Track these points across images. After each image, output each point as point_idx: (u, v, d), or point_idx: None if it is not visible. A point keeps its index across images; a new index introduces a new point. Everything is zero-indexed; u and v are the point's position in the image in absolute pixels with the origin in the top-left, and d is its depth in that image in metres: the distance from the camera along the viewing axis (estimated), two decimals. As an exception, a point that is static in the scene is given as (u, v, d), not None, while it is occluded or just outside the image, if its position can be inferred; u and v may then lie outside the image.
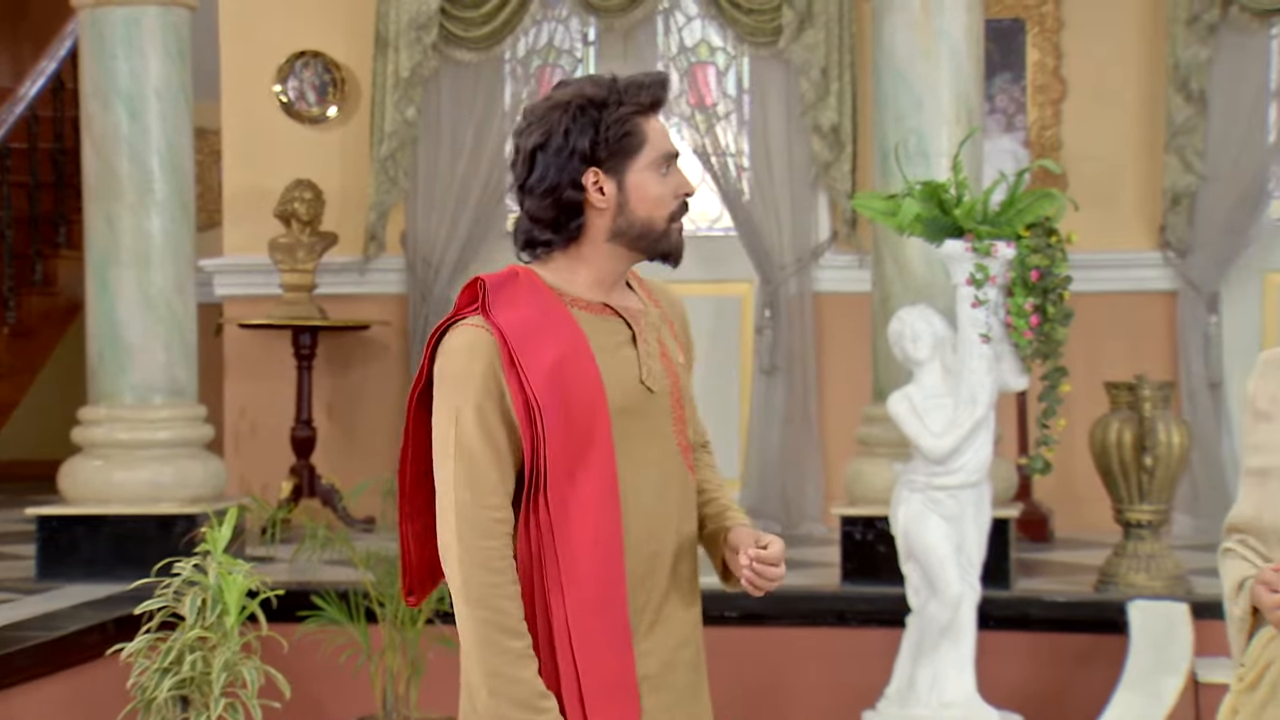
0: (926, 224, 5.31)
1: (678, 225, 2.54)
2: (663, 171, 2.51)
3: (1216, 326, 7.64)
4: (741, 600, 6.15)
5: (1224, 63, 7.56)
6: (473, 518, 2.42)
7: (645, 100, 2.51)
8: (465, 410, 2.44)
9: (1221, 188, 7.58)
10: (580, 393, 2.47)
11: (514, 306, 2.49)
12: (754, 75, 8.01)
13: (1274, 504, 2.73)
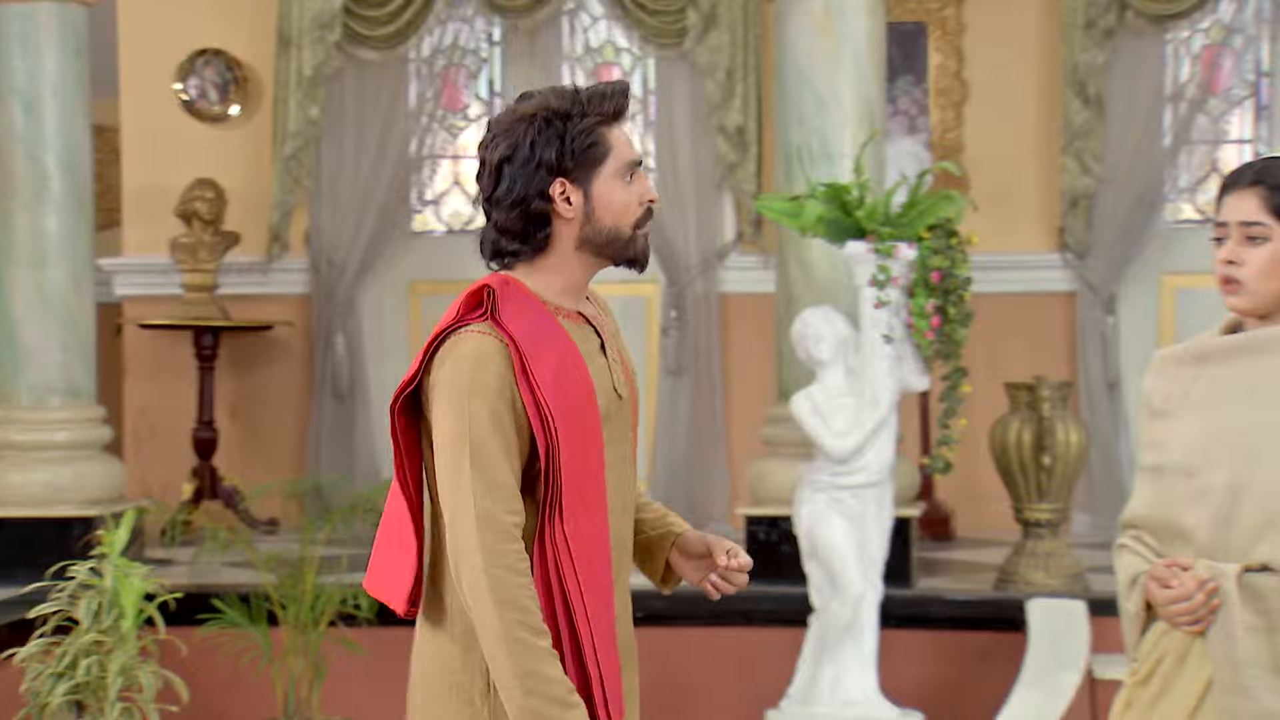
0: (829, 225, 5.35)
1: (643, 232, 2.58)
2: (627, 179, 2.54)
3: (1114, 327, 7.75)
4: (646, 600, 6.13)
5: (1120, 67, 7.68)
6: (495, 524, 2.43)
7: (608, 110, 2.53)
8: (480, 416, 2.44)
9: (1119, 190, 7.70)
10: (579, 399, 2.50)
11: (519, 314, 2.50)
12: (659, 77, 8.03)
13: (1167, 501, 2.78)
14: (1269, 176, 2.75)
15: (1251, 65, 7.83)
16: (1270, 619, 2.64)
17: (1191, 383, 2.80)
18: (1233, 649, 2.66)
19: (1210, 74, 7.69)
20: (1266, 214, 2.73)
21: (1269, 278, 2.73)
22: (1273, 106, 7.84)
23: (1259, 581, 2.65)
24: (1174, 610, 2.70)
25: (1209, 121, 7.80)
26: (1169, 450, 2.79)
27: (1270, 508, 2.66)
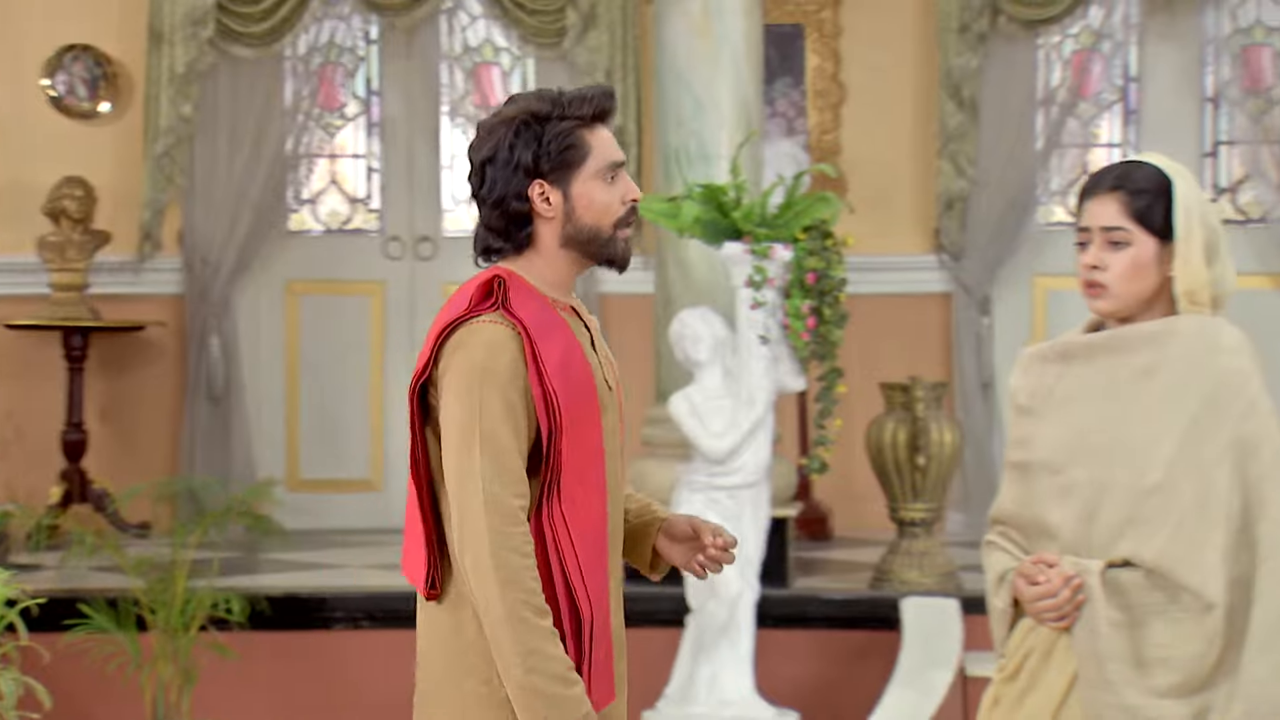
0: (706, 226, 5.37)
1: (624, 232, 2.67)
2: (608, 179, 2.64)
3: (988, 328, 7.86)
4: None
5: (994, 71, 7.78)
6: (503, 507, 2.51)
7: (587, 113, 2.63)
8: (492, 402, 2.54)
9: (992, 193, 7.80)
10: (581, 387, 2.60)
11: (526, 303, 2.59)
12: (539, 77, 8.01)
13: (1033, 498, 2.83)
14: (1129, 182, 2.79)
15: (1120, 70, 7.98)
16: (1132, 614, 2.69)
17: (1056, 380, 2.85)
18: (1096, 644, 2.70)
19: (1080, 79, 7.82)
20: (1127, 219, 2.78)
21: (1131, 281, 2.78)
22: (1141, 111, 8.00)
23: (1121, 577, 2.70)
24: (1040, 607, 2.74)
25: (1079, 125, 7.93)
26: (1035, 447, 2.84)
27: (1131, 504, 2.71)
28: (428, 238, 8.18)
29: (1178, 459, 2.69)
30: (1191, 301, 2.76)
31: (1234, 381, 2.71)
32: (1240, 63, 7.77)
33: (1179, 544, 2.66)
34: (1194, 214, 2.76)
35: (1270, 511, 2.68)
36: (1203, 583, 2.65)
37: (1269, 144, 7.71)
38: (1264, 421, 2.70)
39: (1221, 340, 2.73)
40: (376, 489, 8.10)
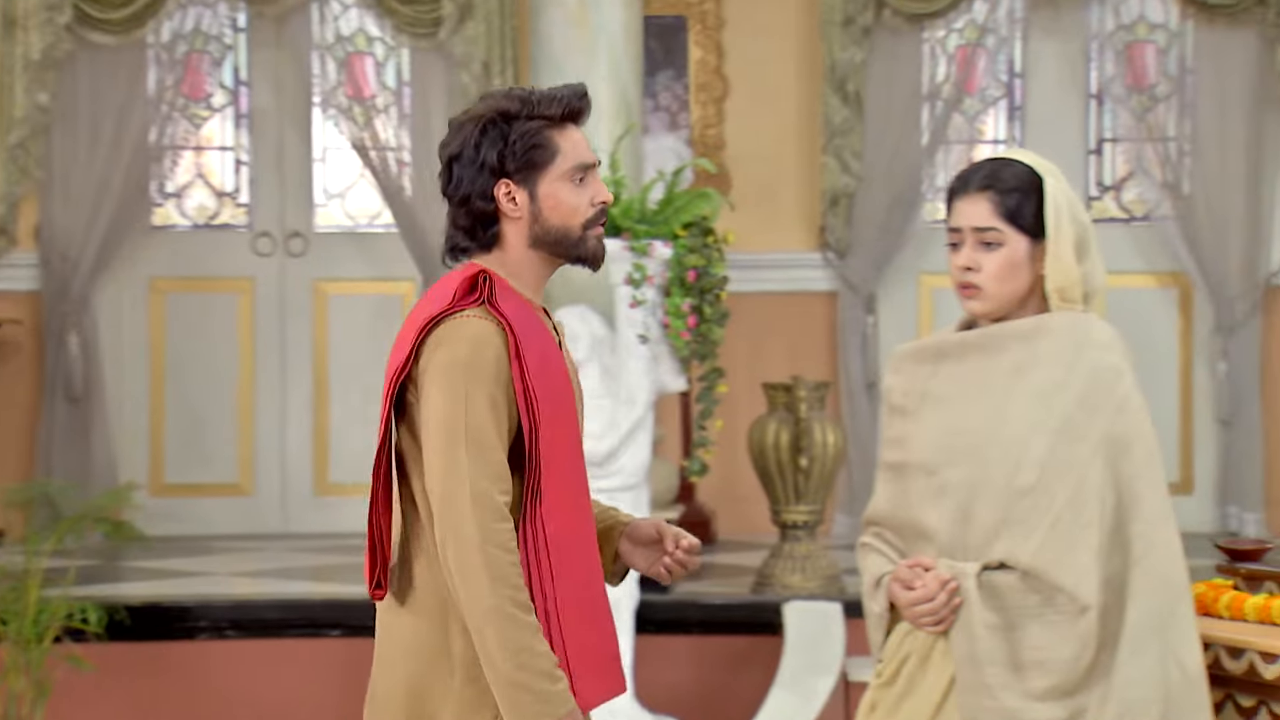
0: (581, 222, 5.33)
1: (595, 232, 2.70)
2: (577, 180, 2.66)
3: (874, 326, 7.90)
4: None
5: (878, 65, 7.83)
6: (490, 503, 2.54)
7: (555, 112, 2.65)
8: (477, 398, 2.57)
9: (878, 189, 7.85)
10: (560, 388, 2.65)
11: (508, 300, 2.62)
12: (414, 67, 7.94)
13: (909, 499, 2.84)
14: (998, 181, 2.81)
15: (1005, 66, 8.06)
16: (1008, 616, 2.71)
17: (929, 380, 2.87)
18: (973, 648, 2.72)
19: (965, 74, 7.89)
20: (999, 219, 2.80)
21: (1005, 281, 2.80)
22: (1026, 107, 8.09)
23: (997, 580, 2.72)
24: (917, 611, 2.76)
25: (965, 121, 8.00)
26: (909, 448, 2.85)
27: (1005, 505, 2.73)
28: (299, 233, 8.08)
29: (1051, 459, 2.72)
30: (1063, 299, 2.80)
31: (1106, 378, 2.73)
32: (1124, 59, 7.89)
33: (1053, 545, 2.69)
34: (1064, 211, 2.80)
35: (1143, 510, 2.71)
36: (1077, 584, 2.68)
37: (1152, 141, 7.82)
38: (1136, 418, 2.73)
39: (1093, 336, 2.76)
40: (246, 493, 7.99)
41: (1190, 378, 7.92)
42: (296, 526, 7.96)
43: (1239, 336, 7.74)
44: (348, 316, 8.07)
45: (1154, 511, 2.72)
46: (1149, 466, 2.73)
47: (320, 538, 7.75)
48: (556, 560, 2.62)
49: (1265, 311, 7.79)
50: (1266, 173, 7.74)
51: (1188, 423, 7.91)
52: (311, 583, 6.82)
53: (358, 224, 8.19)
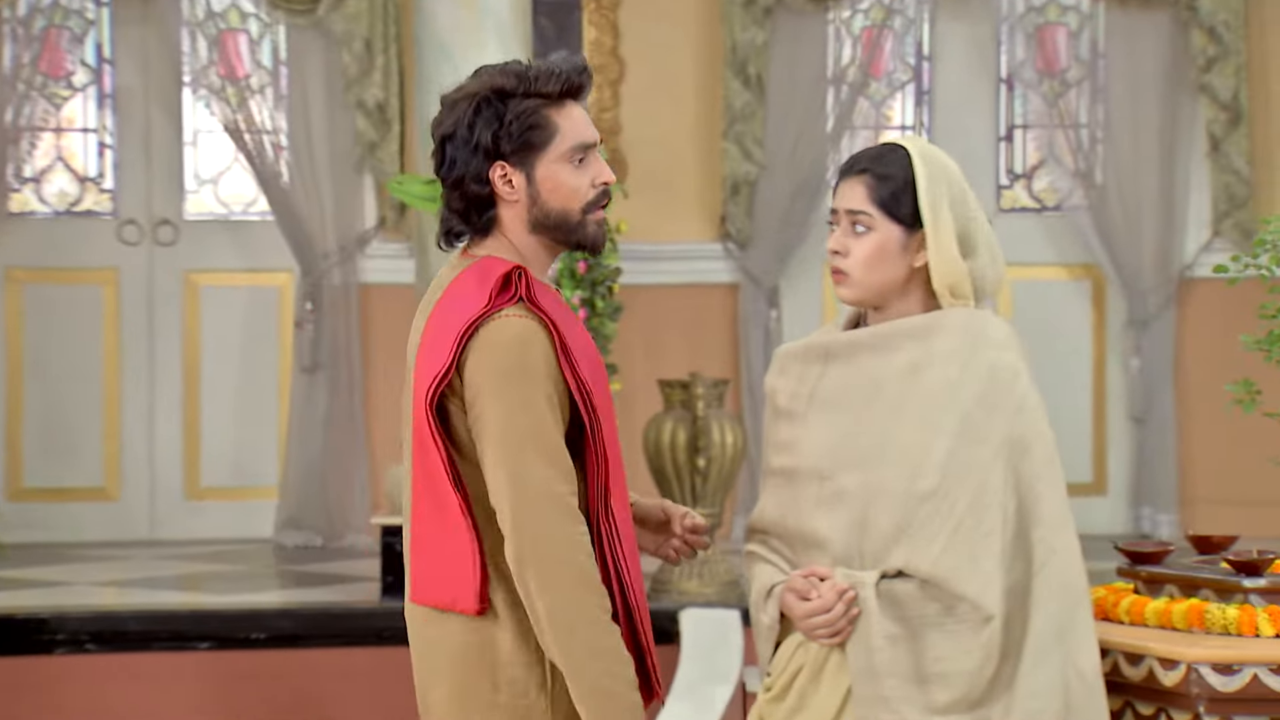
0: (468, 211, 5.32)
1: (595, 216, 2.68)
2: (577, 161, 2.64)
3: (777, 321, 7.94)
4: (272, 620, 6.06)
5: (781, 48, 7.86)
6: (567, 508, 2.57)
7: (554, 89, 2.62)
8: (538, 401, 2.57)
9: (781, 177, 7.88)
10: (603, 377, 2.70)
11: (545, 293, 2.63)
12: (291, 46, 7.88)
13: (799, 507, 2.83)
14: (877, 166, 2.81)
15: (913, 48, 8.13)
16: (909, 627, 2.71)
17: (817, 381, 2.85)
18: (872, 660, 2.72)
19: (871, 56, 7.95)
20: (871, 204, 2.80)
21: (873, 269, 2.79)
22: (934, 92, 8.16)
23: (896, 589, 2.72)
24: (813, 623, 2.75)
25: (871, 106, 8.06)
26: (799, 453, 2.84)
27: (903, 511, 2.72)
28: (168, 221, 8.00)
29: (951, 462, 2.71)
30: (953, 294, 2.79)
31: (1004, 377, 2.74)
32: (1034, 43, 7.98)
33: (955, 553, 2.69)
34: (942, 202, 2.77)
35: (1044, 514, 2.72)
36: (980, 593, 2.68)
37: (1064, 128, 7.92)
38: (1034, 418, 2.75)
39: (989, 334, 2.76)
40: (111, 498, 7.90)
41: (1103, 373, 8.04)
42: (165, 533, 7.89)
43: (1153, 331, 7.87)
44: (220, 310, 8.00)
45: (1054, 515, 2.73)
46: (1049, 468, 2.75)
47: (190, 545, 7.69)
48: (629, 555, 2.67)
49: (1180, 305, 7.91)
50: (1180, 160, 7.86)
51: (1100, 421, 8.03)
52: (179, 593, 6.77)
53: (231, 211, 8.12)
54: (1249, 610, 2.93)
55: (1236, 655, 2.84)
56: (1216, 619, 2.94)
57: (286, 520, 7.76)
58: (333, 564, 7.27)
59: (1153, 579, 3.10)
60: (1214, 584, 3.01)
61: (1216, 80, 7.74)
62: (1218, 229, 7.83)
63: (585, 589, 2.56)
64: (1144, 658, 2.90)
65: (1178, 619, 2.98)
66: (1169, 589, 3.07)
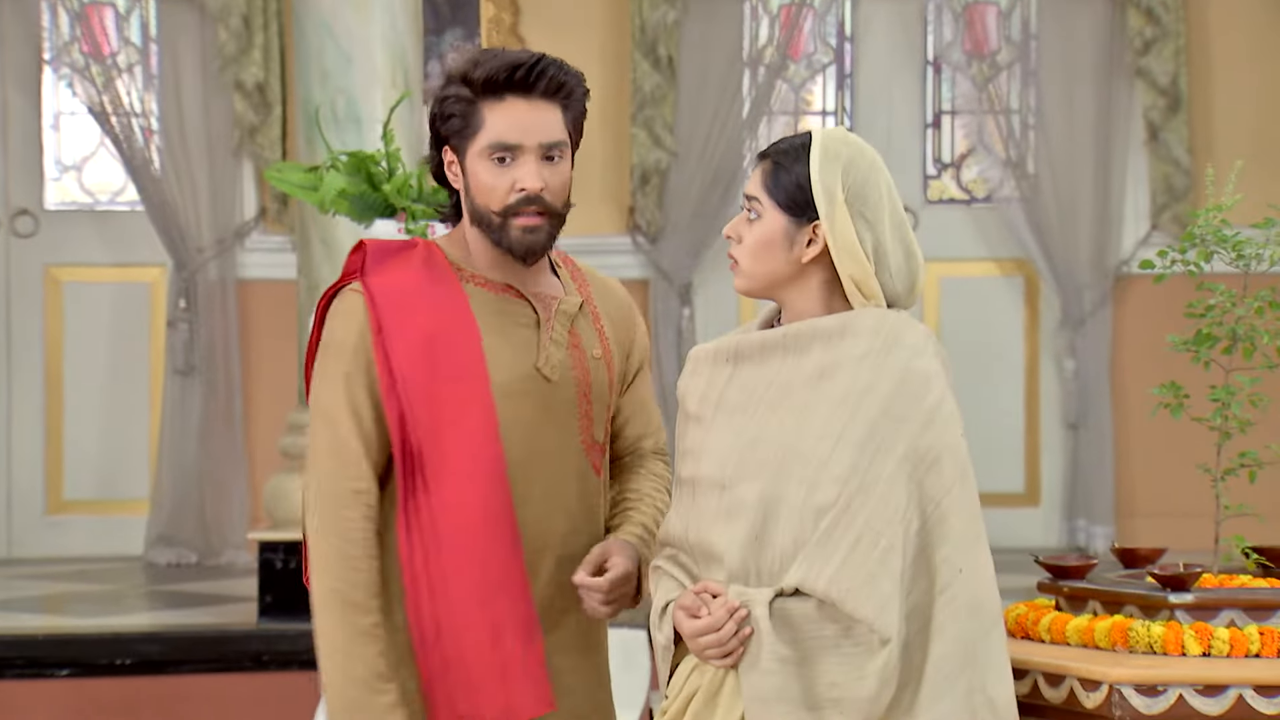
0: (353, 201, 5.32)
1: (519, 221, 2.77)
2: (498, 160, 2.74)
3: (690, 319, 7.97)
4: (138, 645, 6.03)
5: (694, 27, 7.89)
6: (333, 487, 2.71)
7: (477, 79, 2.74)
8: (334, 376, 2.73)
9: (694, 165, 7.91)
10: (456, 369, 2.74)
11: (395, 273, 2.76)
12: (163, 21, 7.84)
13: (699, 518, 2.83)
14: (778, 153, 2.82)
15: (834, 28, 8.18)
16: (802, 649, 2.70)
17: (726, 384, 2.84)
18: (763, 684, 2.70)
19: (790, 37, 7.99)
20: (763, 190, 2.81)
21: (758, 259, 2.79)
22: (856, 75, 8.21)
23: (790, 608, 2.70)
24: (703, 643, 2.73)
25: (790, 90, 8.11)
26: (702, 461, 2.83)
27: (801, 526, 2.71)
28: (26, 211, 7.94)
29: (852, 475, 2.69)
30: (863, 292, 2.79)
31: (914, 385, 2.72)
32: (963, 23, 8.05)
33: (852, 571, 2.66)
34: (838, 192, 2.78)
35: (950, 533, 2.70)
36: (877, 615, 2.65)
37: (994, 114, 8.00)
38: (945, 430, 2.73)
39: (903, 338, 2.75)
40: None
41: (1036, 376, 8.11)
42: (22, 550, 7.82)
43: (1088, 330, 7.95)
44: (85, 307, 7.94)
45: (962, 534, 2.71)
46: (958, 484, 2.72)
47: (50, 563, 7.62)
48: (452, 562, 2.71)
49: (1116, 303, 8.01)
50: (1117, 150, 7.95)
51: (1033, 426, 8.10)
52: (38, 615, 6.71)
53: (96, 201, 8.08)
54: (1175, 627, 2.96)
55: (1161, 675, 2.86)
56: (1141, 637, 2.97)
57: (158, 536, 7.71)
58: (208, 583, 7.23)
59: (1075, 594, 3.13)
60: (1139, 600, 3.03)
61: (1154, 63, 7.84)
62: (1156, 222, 7.94)
63: (326, 574, 2.70)
64: (1065, 678, 2.93)
65: (1100, 637, 3.01)
66: (1092, 605, 3.10)
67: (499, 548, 2.76)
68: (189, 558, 7.68)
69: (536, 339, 2.83)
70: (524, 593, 2.78)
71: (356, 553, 2.71)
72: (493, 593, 2.75)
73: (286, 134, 7.76)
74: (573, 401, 2.84)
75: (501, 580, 2.75)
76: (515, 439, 2.80)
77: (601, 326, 2.94)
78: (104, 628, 6.19)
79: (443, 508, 2.73)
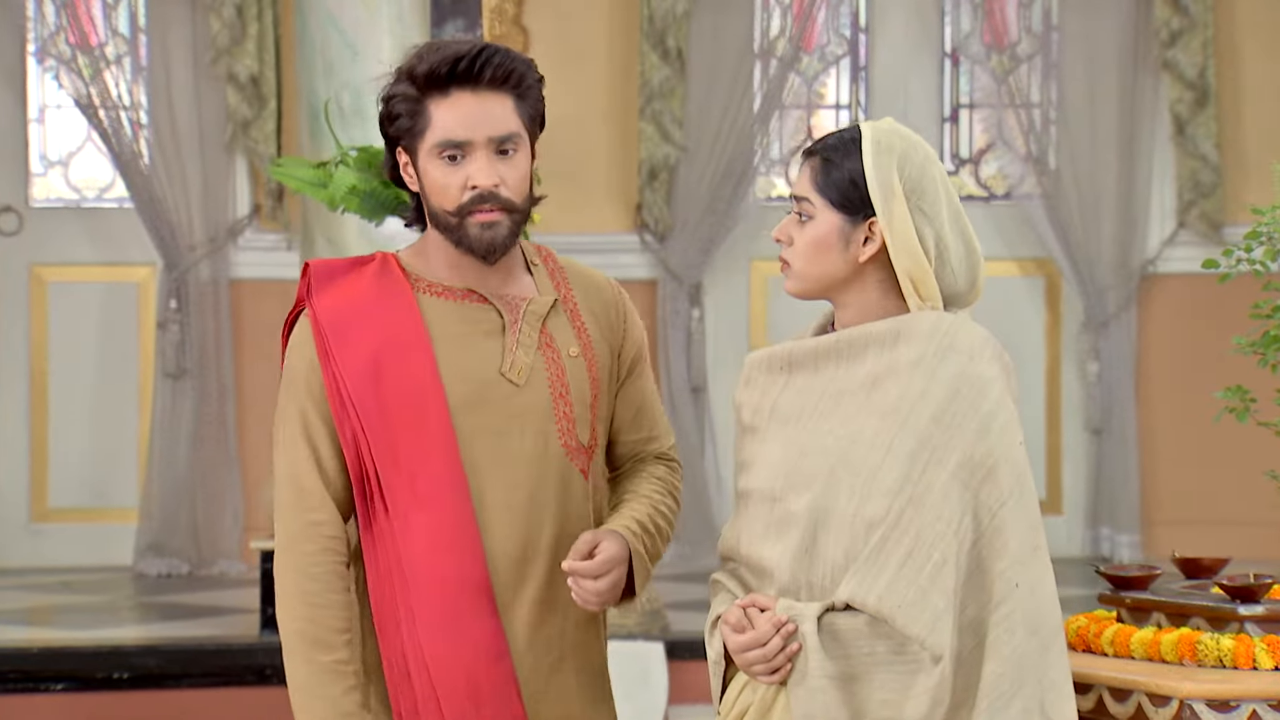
0: (364, 198, 5.32)
1: (475, 219, 2.73)
2: (447, 158, 2.71)
3: (700, 321, 7.97)
4: (137, 658, 6.02)
5: (704, 18, 7.89)
6: (292, 522, 2.71)
7: (420, 74, 2.69)
8: (290, 412, 2.74)
9: (704, 161, 7.91)
10: (404, 385, 2.72)
11: (341, 292, 2.74)
12: (152, 11, 7.82)
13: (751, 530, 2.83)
14: (827, 150, 2.80)
15: (849, 19, 8.19)
16: (851, 666, 2.69)
17: (780, 393, 2.84)
18: (811, 702, 2.70)
19: (803, 28, 7.99)
20: (813, 190, 2.80)
21: (812, 261, 2.78)
22: (871, 68, 8.22)
23: (839, 624, 2.70)
24: (748, 658, 2.73)
25: (803, 83, 8.12)
26: (754, 472, 2.83)
27: (852, 539, 2.70)
28: (11, 208, 7.94)
29: (902, 487, 2.68)
30: (919, 293, 2.78)
31: (969, 392, 2.71)
32: (981, 14, 8.05)
33: (903, 587, 2.66)
34: (895, 186, 2.77)
35: (1007, 546, 2.68)
36: (929, 631, 2.65)
37: (1014, 108, 8.00)
38: (1001, 438, 2.71)
39: (958, 341, 2.74)
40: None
41: (1058, 380, 8.12)
42: (5, 560, 7.80)
43: (1112, 333, 7.96)
44: (72, 308, 7.93)
45: (1019, 547, 2.70)
46: (1016, 495, 2.70)
47: (36, 573, 7.60)
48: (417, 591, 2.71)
49: (1141, 304, 8.01)
50: (1142, 145, 7.95)
51: (1055, 432, 8.11)
52: (27, 627, 6.68)
53: (84, 197, 8.06)
54: (1245, 640, 2.96)
55: (1234, 690, 2.85)
56: (1210, 650, 2.96)
57: (148, 545, 7.70)
58: (202, 594, 7.21)
59: (1138, 606, 3.13)
60: (1206, 612, 3.03)
61: (1182, 56, 7.85)
62: (1183, 220, 7.95)
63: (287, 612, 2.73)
64: (1131, 693, 2.93)
65: (1167, 650, 3.01)
66: (1156, 617, 3.10)
67: (465, 570, 2.74)
68: (180, 568, 7.67)
69: (502, 344, 2.80)
70: (492, 612, 2.77)
71: (316, 588, 2.71)
72: (461, 619, 2.74)
73: (281, 128, 7.76)
74: (547, 404, 2.81)
75: (470, 604, 2.74)
76: (482, 450, 2.77)
77: (582, 324, 2.92)
78: (100, 640, 6.18)
79: (405, 532, 2.72)
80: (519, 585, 2.79)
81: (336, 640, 2.70)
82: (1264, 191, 7.81)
